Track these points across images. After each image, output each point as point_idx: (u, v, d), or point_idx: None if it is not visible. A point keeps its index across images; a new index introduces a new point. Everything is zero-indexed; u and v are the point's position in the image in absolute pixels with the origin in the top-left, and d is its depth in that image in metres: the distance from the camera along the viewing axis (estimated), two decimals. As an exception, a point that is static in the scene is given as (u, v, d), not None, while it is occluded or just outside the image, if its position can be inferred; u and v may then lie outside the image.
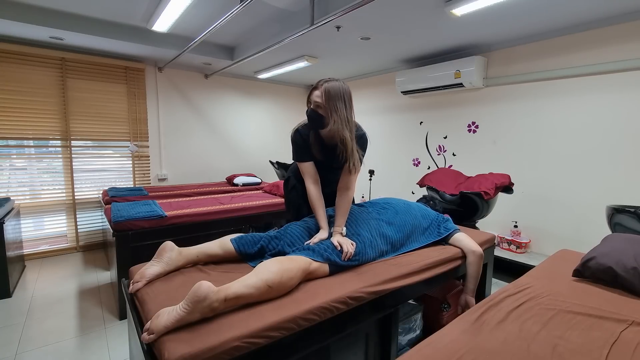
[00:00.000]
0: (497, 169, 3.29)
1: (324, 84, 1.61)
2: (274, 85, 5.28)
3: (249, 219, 2.97)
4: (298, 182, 1.96)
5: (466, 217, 2.71)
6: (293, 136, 1.78)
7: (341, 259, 1.47)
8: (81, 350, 1.96)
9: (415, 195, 4.07)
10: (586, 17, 2.52)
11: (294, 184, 1.99)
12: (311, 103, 1.64)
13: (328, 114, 1.59)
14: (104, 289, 2.77)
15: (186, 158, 4.50)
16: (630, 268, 1.40)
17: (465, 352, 0.99)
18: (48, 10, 2.77)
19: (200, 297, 1.01)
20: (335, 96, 1.59)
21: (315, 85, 1.64)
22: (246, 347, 1.00)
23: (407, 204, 1.98)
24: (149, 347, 1.01)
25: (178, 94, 4.36)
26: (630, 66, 2.47)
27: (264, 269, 1.21)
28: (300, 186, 1.94)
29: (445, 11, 2.38)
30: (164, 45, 3.36)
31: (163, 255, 1.40)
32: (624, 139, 2.54)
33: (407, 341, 1.75)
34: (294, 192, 1.99)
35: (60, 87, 3.48)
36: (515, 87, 3.16)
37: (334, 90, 1.59)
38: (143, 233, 2.38)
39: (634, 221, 2.04)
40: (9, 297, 2.59)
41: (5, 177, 3.32)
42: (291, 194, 2.01)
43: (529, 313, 1.22)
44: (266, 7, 2.66)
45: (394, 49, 3.45)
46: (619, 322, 1.16)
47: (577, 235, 2.81)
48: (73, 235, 3.69)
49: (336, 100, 1.59)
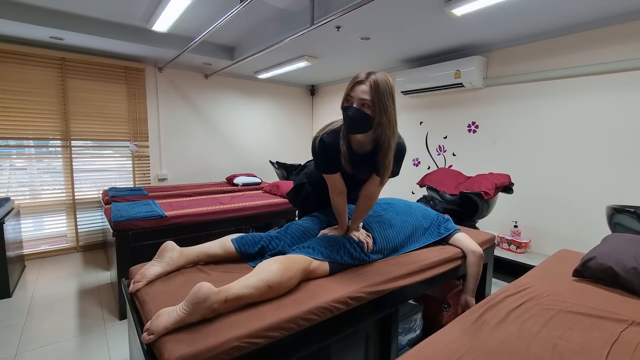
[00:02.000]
0: (497, 169, 3.29)
1: (371, 76, 1.31)
2: (274, 85, 5.28)
3: (249, 219, 2.97)
4: (313, 190, 1.79)
5: (466, 217, 2.71)
6: (318, 146, 1.46)
7: (342, 257, 1.47)
8: (81, 350, 1.96)
9: (415, 195, 4.07)
10: (586, 17, 2.52)
11: (308, 191, 1.80)
12: (353, 100, 1.33)
13: (375, 114, 1.32)
14: (104, 289, 2.77)
15: (186, 158, 4.50)
16: (630, 268, 1.40)
17: (465, 352, 0.99)
18: (48, 10, 2.77)
19: (201, 298, 1.01)
20: (384, 92, 1.31)
21: (358, 79, 1.33)
22: (246, 347, 1.00)
23: (408, 204, 1.98)
24: (149, 347, 1.01)
25: (178, 94, 4.36)
26: (630, 66, 2.47)
27: (264, 269, 1.21)
28: (313, 195, 1.80)
29: (445, 11, 2.38)
30: (164, 45, 3.36)
31: (164, 255, 1.40)
32: (624, 138, 2.54)
33: (407, 341, 1.75)
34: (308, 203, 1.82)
35: (60, 87, 3.48)
36: (515, 87, 3.16)
37: (382, 86, 1.30)
38: (143, 233, 2.38)
39: (634, 221, 2.04)
40: (9, 297, 2.59)
41: (5, 177, 3.32)
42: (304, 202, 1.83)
43: (529, 313, 1.22)
44: (266, 7, 2.66)
45: (394, 49, 3.45)
46: (619, 322, 1.16)
47: (577, 235, 2.81)
48: (73, 235, 3.69)
49: (386, 97, 1.31)
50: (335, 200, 1.57)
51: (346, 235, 1.60)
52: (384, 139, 1.36)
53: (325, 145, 1.45)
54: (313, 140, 1.49)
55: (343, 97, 1.37)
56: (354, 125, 1.35)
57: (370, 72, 1.33)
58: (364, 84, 1.31)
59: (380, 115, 1.32)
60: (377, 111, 1.32)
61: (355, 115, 1.32)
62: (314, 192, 1.79)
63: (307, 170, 1.85)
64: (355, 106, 1.32)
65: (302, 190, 1.82)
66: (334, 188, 1.56)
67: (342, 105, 1.37)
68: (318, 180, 1.73)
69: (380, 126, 1.34)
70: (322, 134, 1.47)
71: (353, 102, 1.33)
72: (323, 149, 1.46)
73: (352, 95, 1.33)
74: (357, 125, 1.35)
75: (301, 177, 1.86)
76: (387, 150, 1.39)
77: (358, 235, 1.57)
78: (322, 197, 1.73)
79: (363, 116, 1.33)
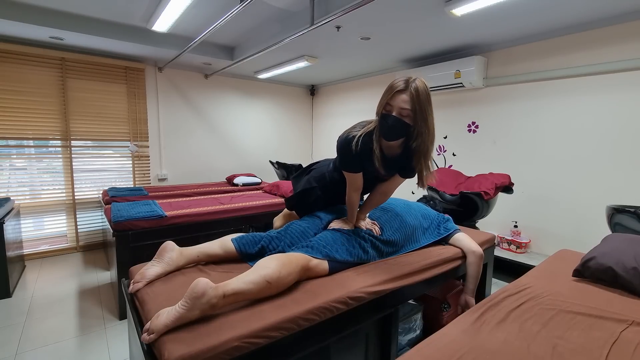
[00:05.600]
0: (497, 169, 3.29)
1: (411, 85, 1.31)
2: (274, 85, 5.28)
3: (249, 219, 2.97)
4: (323, 193, 1.78)
5: (466, 217, 2.71)
6: (355, 145, 1.44)
7: (341, 256, 1.47)
8: (81, 350, 1.96)
9: (415, 195, 4.07)
10: (586, 17, 2.52)
11: (318, 195, 1.78)
12: (392, 109, 1.34)
13: (415, 123, 1.34)
14: (104, 289, 2.77)
15: (186, 158, 4.50)
16: (630, 268, 1.40)
17: (465, 352, 0.99)
18: (48, 10, 2.77)
19: (199, 293, 1.01)
20: (424, 102, 1.32)
21: (398, 87, 1.33)
22: (246, 347, 1.00)
23: (408, 204, 1.98)
24: (149, 347, 1.01)
25: (178, 94, 4.36)
26: (631, 66, 2.47)
27: (263, 265, 1.21)
28: (323, 197, 1.79)
29: (445, 11, 2.38)
30: (164, 45, 3.36)
31: (164, 256, 1.40)
32: (624, 138, 2.54)
33: (407, 341, 1.75)
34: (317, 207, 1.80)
35: (60, 87, 3.48)
36: (515, 87, 3.16)
37: (423, 95, 1.31)
38: (143, 233, 2.38)
39: (634, 221, 2.04)
40: (9, 297, 2.59)
41: (5, 177, 3.32)
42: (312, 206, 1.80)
43: (529, 313, 1.22)
44: (266, 7, 2.66)
45: (394, 49, 3.45)
46: (619, 322, 1.16)
47: (577, 235, 2.81)
48: (73, 235, 3.69)
49: (426, 106, 1.32)
50: (352, 196, 1.63)
51: (349, 230, 1.61)
52: (422, 147, 1.39)
53: (361, 145, 1.45)
54: (345, 138, 1.49)
55: (381, 104, 1.39)
56: (392, 133, 1.38)
57: (408, 79, 1.33)
58: (404, 93, 1.32)
59: (421, 125, 1.34)
60: (417, 120, 1.34)
61: (395, 124, 1.35)
62: (325, 196, 1.78)
63: (316, 174, 1.82)
64: (394, 114, 1.34)
65: (311, 195, 1.79)
66: (353, 185, 1.61)
67: (381, 112, 1.38)
68: (330, 184, 1.75)
69: (420, 135, 1.36)
70: (363, 132, 1.46)
71: (392, 110, 1.34)
72: (358, 147, 1.45)
73: (391, 104, 1.35)
74: (395, 134, 1.38)
75: (309, 181, 1.82)
76: (426, 157, 1.43)
77: (365, 224, 1.66)
78: (333, 200, 1.79)
79: (402, 125, 1.35)
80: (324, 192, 1.78)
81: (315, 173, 1.84)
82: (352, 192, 1.63)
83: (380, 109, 1.39)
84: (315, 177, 1.82)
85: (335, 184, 1.72)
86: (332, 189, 1.76)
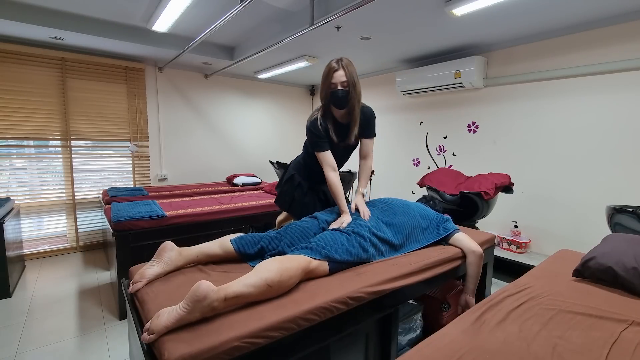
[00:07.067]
0: (497, 169, 3.29)
1: (341, 62, 1.72)
2: (274, 85, 5.28)
3: (249, 219, 2.97)
4: (303, 179, 2.02)
5: (466, 217, 2.71)
6: (312, 126, 1.82)
7: (340, 256, 1.47)
8: (81, 350, 1.96)
9: (415, 195, 4.07)
10: (586, 17, 2.52)
11: (299, 181, 2.02)
12: (335, 85, 1.72)
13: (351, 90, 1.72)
14: (104, 289, 2.77)
15: (186, 158, 4.50)
16: (630, 268, 1.40)
17: (465, 352, 0.99)
18: (48, 10, 2.77)
19: (200, 296, 1.01)
20: (353, 72, 1.73)
21: (334, 67, 1.72)
22: (246, 347, 1.00)
23: (407, 204, 1.97)
24: (149, 347, 1.01)
25: (178, 94, 4.36)
26: (631, 66, 2.47)
27: (264, 268, 1.21)
28: (305, 183, 2.02)
29: (445, 11, 2.38)
30: (164, 45, 3.36)
31: (163, 256, 1.40)
32: (624, 138, 2.54)
33: (407, 341, 1.75)
34: (299, 191, 2.02)
35: (60, 87, 3.48)
36: (515, 87, 3.16)
37: (351, 67, 1.73)
38: (143, 233, 2.38)
39: (634, 221, 2.04)
40: (9, 297, 2.59)
41: (5, 177, 3.32)
42: (296, 192, 2.03)
43: (529, 313, 1.22)
44: (266, 7, 2.66)
45: (394, 49, 3.45)
46: (619, 322, 1.16)
47: (577, 235, 2.81)
48: (73, 235, 3.69)
49: (355, 75, 1.74)
50: (331, 177, 1.81)
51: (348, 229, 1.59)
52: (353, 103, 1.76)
53: (319, 125, 1.81)
54: (311, 121, 1.83)
55: (324, 84, 1.76)
56: (342, 102, 1.75)
57: (339, 60, 1.73)
58: (340, 70, 1.72)
59: (352, 89, 1.73)
60: (351, 87, 1.73)
61: (343, 95, 1.73)
62: (306, 180, 2.03)
63: (292, 165, 2.11)
64: (339, 88, 1.73)
65: (294, 181, 2.04)
66: (328, 164, 1.82)
67: (328, 90, 1.75)
68: (305, 166, 2.03)
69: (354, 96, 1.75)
70: (316, 116, 1.83)
71: (337, 85, 1.72)
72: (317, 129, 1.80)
73: (333, 81, 1.73)
74: (340, 102, 1.75)
75: (287, 172, 2.10)
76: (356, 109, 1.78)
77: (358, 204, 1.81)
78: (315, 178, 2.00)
79: (345, 94, 1.74)
80: (304, 177, 2.02)
81: (291, 165, 2.12)
82: (329, 172, 1.81)
83: (327, 87, 1.75)
84: (292, 167, 2.09)
85: (311, 163, 1.95)
86: (311, 170, 1.98)
